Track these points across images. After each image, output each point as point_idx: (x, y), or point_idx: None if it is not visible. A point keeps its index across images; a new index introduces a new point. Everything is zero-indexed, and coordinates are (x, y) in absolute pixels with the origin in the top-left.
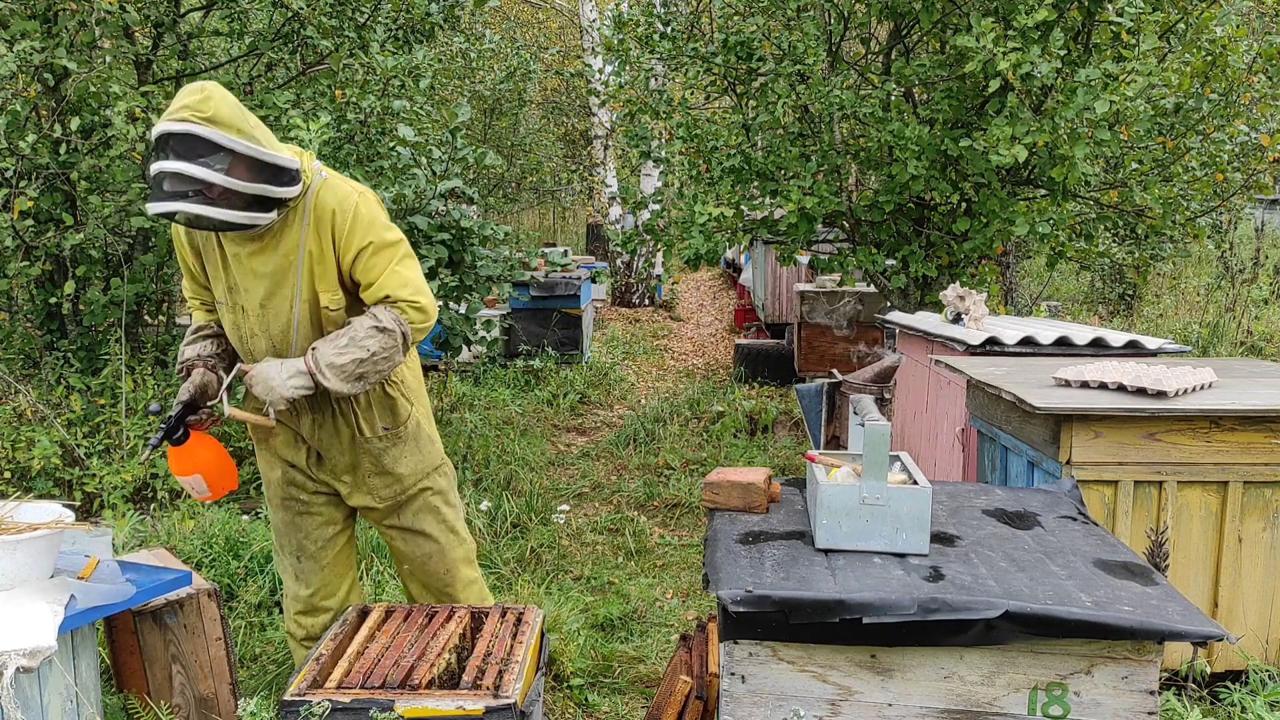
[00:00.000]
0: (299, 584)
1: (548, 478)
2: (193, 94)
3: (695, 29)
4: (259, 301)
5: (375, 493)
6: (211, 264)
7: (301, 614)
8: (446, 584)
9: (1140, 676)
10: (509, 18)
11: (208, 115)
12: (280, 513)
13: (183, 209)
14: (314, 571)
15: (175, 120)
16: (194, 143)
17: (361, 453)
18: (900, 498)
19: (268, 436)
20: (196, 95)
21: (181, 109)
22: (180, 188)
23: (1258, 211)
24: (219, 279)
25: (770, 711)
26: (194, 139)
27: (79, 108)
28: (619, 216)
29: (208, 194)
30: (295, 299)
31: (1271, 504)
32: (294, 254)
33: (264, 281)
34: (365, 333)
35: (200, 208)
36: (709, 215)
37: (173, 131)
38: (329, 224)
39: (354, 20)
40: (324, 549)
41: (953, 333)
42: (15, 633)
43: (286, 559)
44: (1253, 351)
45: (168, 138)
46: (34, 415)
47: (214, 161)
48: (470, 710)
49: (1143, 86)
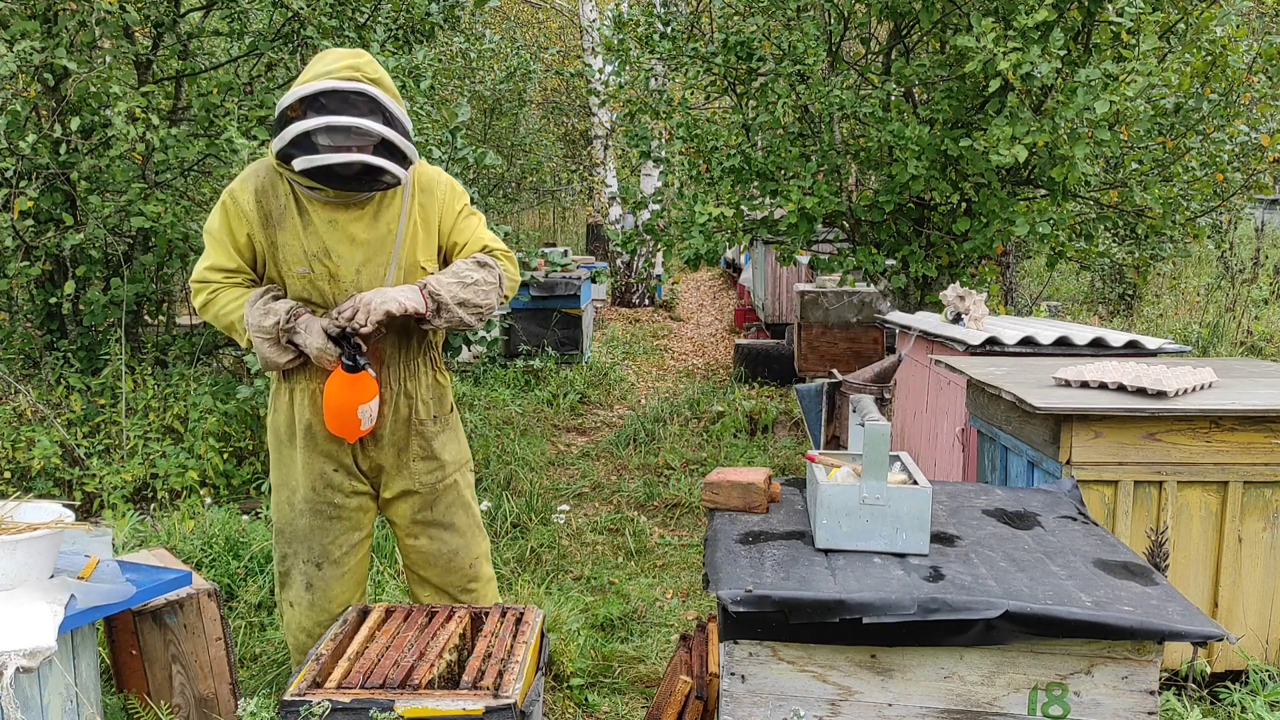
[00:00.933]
0: (310, 592)
1: (548, 478)
2: (352, 56)
3: (695, 29)
4: (355, 267)
5: (418, 477)
6: (289, 232)
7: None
8: (471, 579)
9: (1140, 676)
10: (509, 18)
11: (374, 77)
12: (307, 519)
13: (361, 159)
14: (334, 579)
15: (344, 79)
16: (363, 100)
17: (414, 434)
18: (900, 498)
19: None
20: (359, 58)
21: (345, 69)
22: (348, 141)
23: (1258, 211)
24: (296, 247)
25: (770, 711)
26: (363, 96)
27: (79, 108)
28: (619, 216)
29: (369, 150)
30: (391, 265)
31: (1271, 504)
32: (395, 223)
33: (361, 248)
34: (468, 266)
35: (374, 159)
36: (709, 215)
37: (345, 89)
38: (434, 193)
39: (354, 20)
40: (348, 554)
41: (953, 333)
42: (15, 633)
43: (303, 566)
44: (1253, 351)
45: (335, 93)
46: (34, 415)
47: (378, 118)
48: (470, 710)
49: (1143, 86)
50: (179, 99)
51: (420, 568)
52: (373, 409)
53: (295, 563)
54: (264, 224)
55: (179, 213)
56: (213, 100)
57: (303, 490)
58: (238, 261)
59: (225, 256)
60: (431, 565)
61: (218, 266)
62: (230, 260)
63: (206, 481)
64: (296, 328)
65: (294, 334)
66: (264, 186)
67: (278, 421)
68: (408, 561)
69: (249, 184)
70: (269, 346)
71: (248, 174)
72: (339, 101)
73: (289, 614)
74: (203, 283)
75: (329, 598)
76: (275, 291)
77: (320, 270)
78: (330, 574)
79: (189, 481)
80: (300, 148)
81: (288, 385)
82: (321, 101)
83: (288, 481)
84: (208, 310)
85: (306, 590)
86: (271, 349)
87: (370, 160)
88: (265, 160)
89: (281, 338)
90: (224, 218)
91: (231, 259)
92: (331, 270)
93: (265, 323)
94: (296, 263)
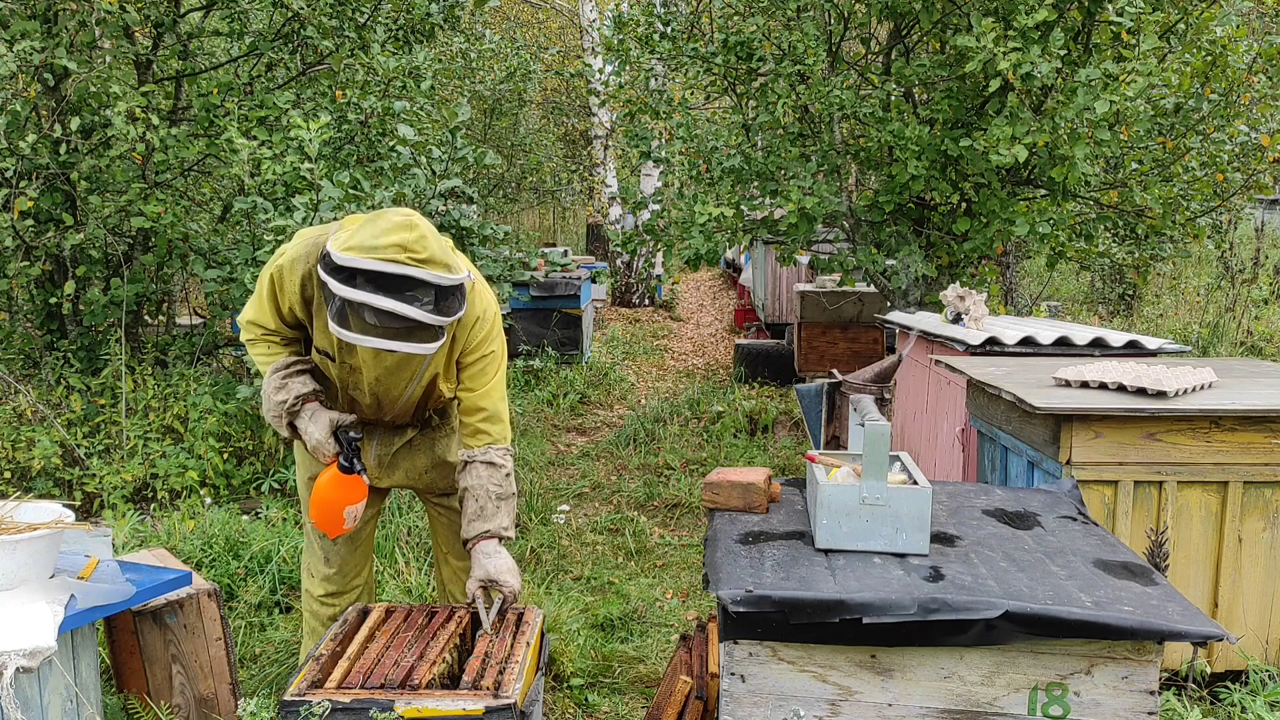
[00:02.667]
0: (328, 565)
1: (548, 478)
2: (403, 230)
3: (695, 29)
4: (375, 375)
5: (434, 486)
6: (322, 320)
7: (332, 595)
8: None
9: (1140, 676)
10: (509, 18)
11: (423, 258)
12: None
13: (396, 348)
14: (348, 552)
15: (387, 260)
16: (406, 282)
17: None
18: (900, 498)
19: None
20: (410, 232)
21: (392, 247)
22: (390, 324)
23: (1258, 211)
24: (327, 336)
25: (770, 711)
26: (411, 280)
27: (79, 108)
28: (619, 216)
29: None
30: (414, 382)
31: (1271, 504)
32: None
33: (386, 361)
34: (497, 483)
35: (409, 345)
36: (709, 215)
37: (390, 273)
38: (469, 328)
39: (354, 20)
40: (361, 529)
41: (953, 333)
42: (15, 633)
43: (319, 540)
44: (1253, 351)
45: (382, 275)
46: (34, 415)
47: (423, 297)
48: (470, 710)
49: (1143, 86)
50: (179, 99)
51: (443, 544)
52: (358, 510)
53: (313, 538)
54: (304, 306)
55: (179, 213)
56: (213, 100)
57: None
58: (277, 324)
59: (265, 316)
60: (450, 546)
61: (257, 323)
62: (270, 322)
63: (206, 481)
64: (301, 413)
65: (296, 418)
66: (310, 273)
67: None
68: (437, 538)
69: (298, 268)
70: (273, 417)
71: (299, 256)
72: (383, 282)
73: (308, 582)
74: (248, 324)
75: (344, 570)
76: (300, 366)
77: (343, 363)
78: (344, 548)
79: (189, 481)
80: (341, 316)
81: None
82: (370, 276)
83: (305, 462)
84: (250, 349)
85: (325, 564)
86: (274, 420)
87: (403, 349)
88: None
89: (285, 417)
90: (271, 288)
91: (271, 321)
92: (355, 367)
93: (275, 398)
94: (321, 347)
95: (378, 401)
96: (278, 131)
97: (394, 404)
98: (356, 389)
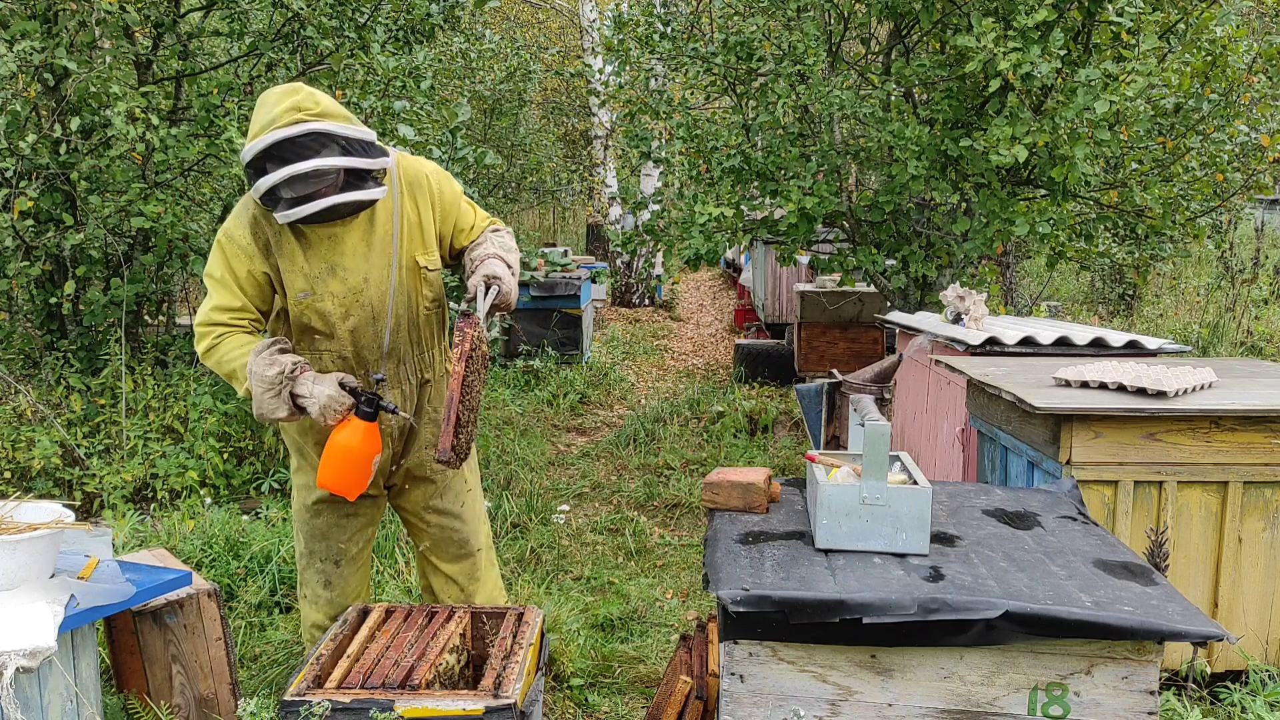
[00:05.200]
0: (329, 589)
1: (548, 478)
2: (289, 94)
3: (695, 29)
4: (363, 275)
5: (428, 464)
6: (287, 259)
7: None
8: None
9: (1140, 676)
10: (509, 18)
11: (317, 111)
12: (324, 517)
13: (332, 202)
14: (351, 574)
15: (288, 125)
16: (317, 139)
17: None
18: (900, 498)
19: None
20: (296, 94)
21: (287, 112)
22: (314, 187)
23: (1258, 211)
24: (295, 272)
25: (770, 711)
26: (317, 135)
27: (79, 108)
28: (619, 216)
29: (338, 183)
30: (393, 266)
31: (1271, 504)
32: (390, 222)
33: (365, 256)
34: (499, 238)
35: (345, 195)
36: (709, 215)
37: (293, 135)
38: (425, 187)
39: (354, 20)
40: (362, 550)
41: (953, 333)
42: (15, 633)
43: (319, 565)
44: (1253, 351)
45: (285, 143)
46: (34, 415)
47: (335, 150)
48: (470, 710)
49: (1143, 86)
50: (179, 99)
51: (433, 553)
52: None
53: (313, 562)
54: (264, 254)
55: (179, 213)
56: (213, 100)
57: (319, 492)
58: (242, 299)
59: (229, 295)
60: (442, 553)
61: (223, 306)
62: (235, 298)
63: (206, 482)
64: (300, 379)
65: (296, 384)
66: (256, 218)
67: (293, 426)
68: (423, 548)
69: (241, 219)
70: (269, 397)
71: (238, 210)
72: (291, 150)
73: (307, 611)
74: (210, 325)
75: (345, 593)
76: (283, 345)
77: (322, 291)
78: (346, 571)
79: (189, 481)
80: (272, 201)
81: None
82: (274, 154)
83: (306, 483)
84: (210, 356)
85: (325, 588)
86: (271, 400)
87: (340, 200)
88: (248, 194)
89: (284, 388)
90: (222, 257)
91: (236, 296)
92: (340, 286)
93: (269, 372)
94: (297, 289)
95: (370, 311)
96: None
97: (382, 301)
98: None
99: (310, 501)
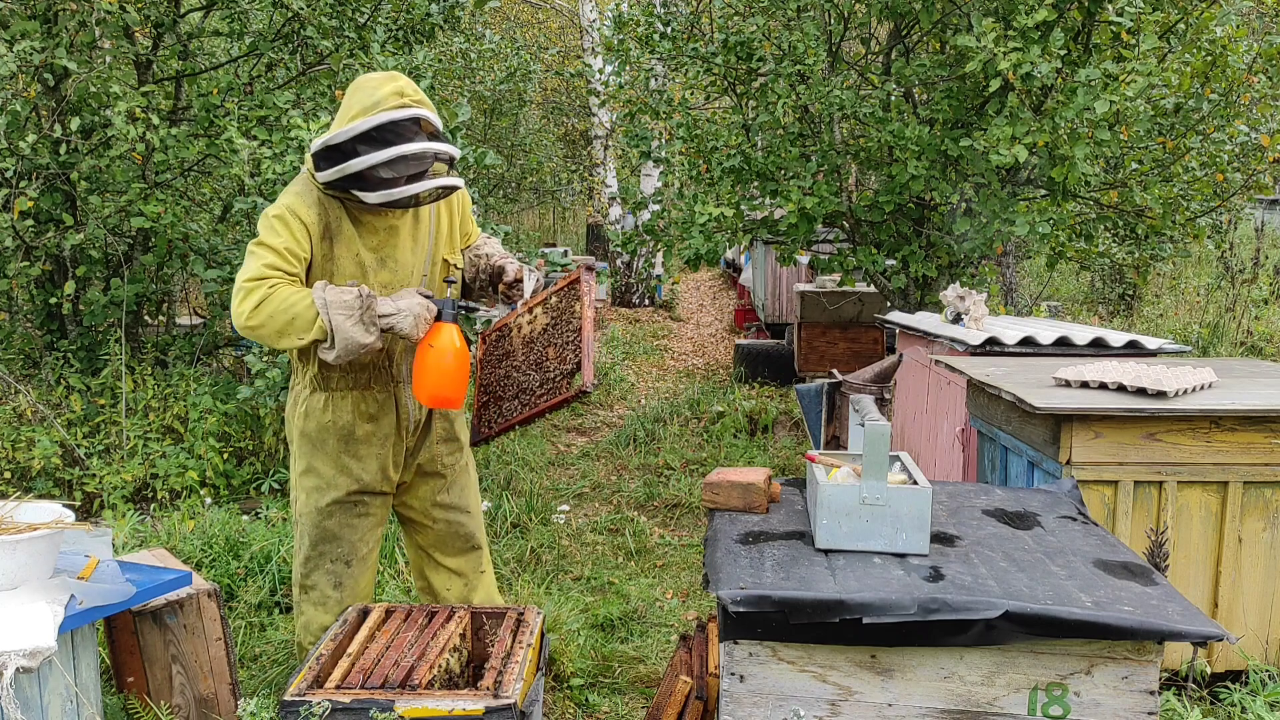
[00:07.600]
0: (339, 590)
1: (548, 478)
2: (392, 80)
3: (695, 29)
4: (410, 269)
5: (440, 459)
6: (342, 245)
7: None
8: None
9: (1140, 676)
10: (509, 18)
11: (419, 98)
12: (336, 519)
13: (446, 183)
14: (361, 574)
15: (398, 109)
16: (417, 124)
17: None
18: (900, 498)
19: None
20: (399, 82)
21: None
22: (415, 168)
23: (1258, 211)
24: (348, 259)
25: (770, 711)
26: (419, 120)
27: (79, 108)
28: (619, 216)
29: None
30: (427, 262)
31: (1271, 504)
32: (429, 220)
33: (414, 248)
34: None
35: (448, 180)
36: (709, 215)
37: (400, 119)
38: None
39: (354, 21)
40: (372, 550)
41: (953, 333)
42: (15, 633)
43: (329, 566)
44: (1253, 351)
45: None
46: (34, 415)
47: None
48: (470, 710)
49: (1143, 86)
50: (179, 99)
51: (436, 549)
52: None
53: (322, 563)
54: (323, 236)
55: (179, 213)
56: (213, 100)
57: (334, 493)
58: (297, 268)
59: (285, 262)
60: (447, 548)
61: (274, 266)
62: (290, 265)
63: (206, 482)
64: (379, 300)
65: (376, 302)
66: (321, 199)
67: (309, 426)
68: (425, 544)
69: (305, 199)
70: (352, 324)
71: (301, 190)
72: (393, 132)
73: (312, 614)
74: (258, 280)
75: (355, 593)
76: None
77: (372, 280)
78: (357, 570)
79: (189, 481)
80: (359, 182)
81: (325, 391)
82: (374, 136)
83: (318, 484)
84: (264, 308)
85: (335, 589)
86: (355, 327)
87: (446, 183)
88: (306, 179)
89: (368, 309)
90: (284, 228)
91: (291, 265)
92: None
93: (346, 297)
94: (347, 275)
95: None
96: (278, 131)
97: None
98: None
99: (324, 503)
